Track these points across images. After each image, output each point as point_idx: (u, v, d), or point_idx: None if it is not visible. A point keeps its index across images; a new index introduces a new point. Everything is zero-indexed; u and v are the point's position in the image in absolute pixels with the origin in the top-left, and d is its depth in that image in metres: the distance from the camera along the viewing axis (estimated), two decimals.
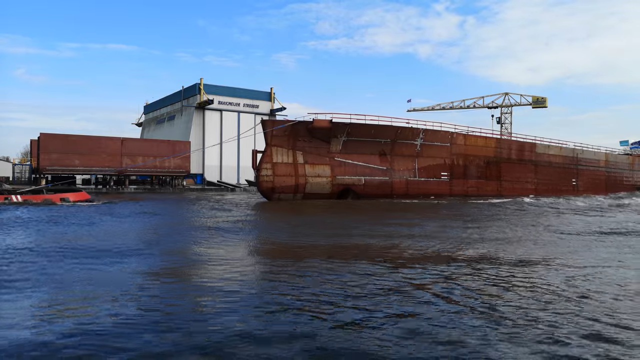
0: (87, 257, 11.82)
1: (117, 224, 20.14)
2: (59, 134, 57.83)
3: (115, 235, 16.38)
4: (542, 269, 10.99)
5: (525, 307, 7.68)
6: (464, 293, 8.61)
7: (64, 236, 15.78)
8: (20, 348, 5.65)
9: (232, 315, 7.06)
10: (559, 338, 6.17)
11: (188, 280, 9.90)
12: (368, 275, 9.95)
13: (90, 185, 64.65)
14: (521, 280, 9.73)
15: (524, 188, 50.62)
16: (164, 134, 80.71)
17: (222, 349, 5.73)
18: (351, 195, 39.90)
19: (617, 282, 9.66)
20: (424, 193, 42.73)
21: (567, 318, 7.05)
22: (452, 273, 10.33)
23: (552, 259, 12.32)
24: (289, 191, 38.36)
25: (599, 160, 62.15)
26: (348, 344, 5.94)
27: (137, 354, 5.54)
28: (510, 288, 9.00)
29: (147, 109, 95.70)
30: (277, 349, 5.74)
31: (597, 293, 8.67)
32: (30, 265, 10.66)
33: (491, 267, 11.07)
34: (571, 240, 16.18)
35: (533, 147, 52.64)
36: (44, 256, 11.94)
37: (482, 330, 6.45)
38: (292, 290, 8.70)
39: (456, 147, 45.01)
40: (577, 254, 13.36)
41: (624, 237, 17.18)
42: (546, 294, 8.51)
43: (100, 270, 10.35)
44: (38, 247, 13.45)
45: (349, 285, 9.09)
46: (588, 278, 9.98)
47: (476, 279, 9.82)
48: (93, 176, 65.51)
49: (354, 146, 40.01)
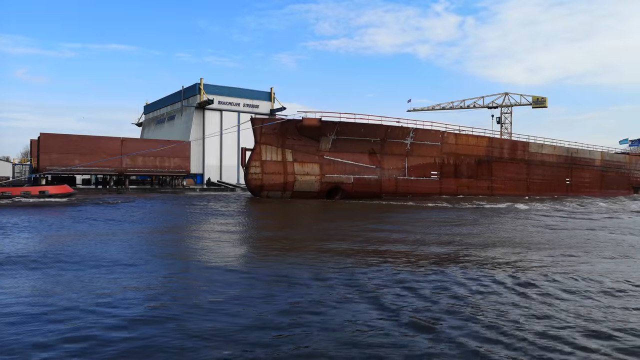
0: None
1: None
2: (59, 134, 58.44)
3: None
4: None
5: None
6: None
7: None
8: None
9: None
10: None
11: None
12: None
13: (91, 185, 65.55)
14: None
15: (516, 187, 50.76)
16: (164, 134, 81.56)
17: None
18: (340, 193, 40.35)
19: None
20: (413, 192, 43.06)
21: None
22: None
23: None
24: (277, 189, 38.90)
25: (594, 160, 61.97)
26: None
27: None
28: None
29: (147, 109, 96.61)
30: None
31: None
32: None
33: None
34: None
35: (526, 146, 52.72)
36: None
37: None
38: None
39: (447, 146, 45.28)
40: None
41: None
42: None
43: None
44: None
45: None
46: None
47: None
48: (93, 176, 66.31)
49: (343, 145, 40.45)
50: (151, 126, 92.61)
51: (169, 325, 6.75)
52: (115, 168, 59.63)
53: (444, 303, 8.03)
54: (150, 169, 63.37)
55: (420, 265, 11.41)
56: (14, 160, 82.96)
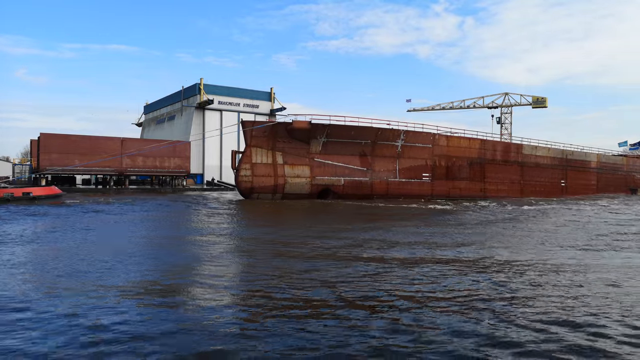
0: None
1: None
2: (59, 134, 58.94)
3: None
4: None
5: None
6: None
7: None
8: None
9: None
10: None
11: None
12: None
13: (91, 185, 66.25)
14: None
15: (510, 189, 50.87)
16: (164, 134, 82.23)
17: None
18: (331, 195, 40.75)
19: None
20: (404, 194, 43.36)
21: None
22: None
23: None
24: (268, 191, 39.37)
25: (590, 162, 61.82)
26: None
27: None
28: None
29: (147, 109, 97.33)
30: None
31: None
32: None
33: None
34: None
35: (519, 148, 52.77)
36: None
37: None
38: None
39: (438, 148, 45.49)
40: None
41: None
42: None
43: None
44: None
45: None
46: None
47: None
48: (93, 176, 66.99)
49: (334, 147, 40.82)
50: (151, 126, 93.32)
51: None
52: (115, 168, 60.24)
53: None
54: (150, 169, 63.95)
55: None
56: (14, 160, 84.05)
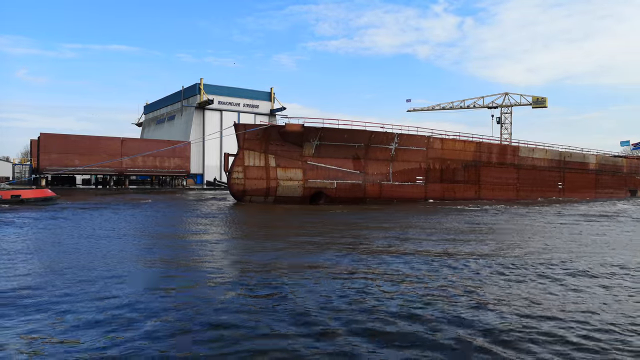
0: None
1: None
2: (59, 134, 59.24)
3: None
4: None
5: None
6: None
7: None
8: None
9: None
10: None
11: None
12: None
13: (91, 185, 66.80)
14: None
15: (505, 192, 50.76)
16: (164, 134, 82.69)
17: None
18: (323, 198, 40.91)
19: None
20: (397, 197, 43.43)
21: None
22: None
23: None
24: (260, 194, 39.60)
25: (589, 163, 61.46)
26: None
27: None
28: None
29: (147, 109, 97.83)
30: None
31: None
32: None
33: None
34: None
35: (516, 150, 52.61)
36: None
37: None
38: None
39: (433, 151, 45.48)
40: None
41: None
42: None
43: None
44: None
45: None
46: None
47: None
48: (93, 176, 67.54)
49: (327, 150, 40.93)
50: (151, 126, 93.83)
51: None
52: (115, 168, 60.67)
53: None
54: (150, 169, 64.37)
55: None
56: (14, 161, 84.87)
